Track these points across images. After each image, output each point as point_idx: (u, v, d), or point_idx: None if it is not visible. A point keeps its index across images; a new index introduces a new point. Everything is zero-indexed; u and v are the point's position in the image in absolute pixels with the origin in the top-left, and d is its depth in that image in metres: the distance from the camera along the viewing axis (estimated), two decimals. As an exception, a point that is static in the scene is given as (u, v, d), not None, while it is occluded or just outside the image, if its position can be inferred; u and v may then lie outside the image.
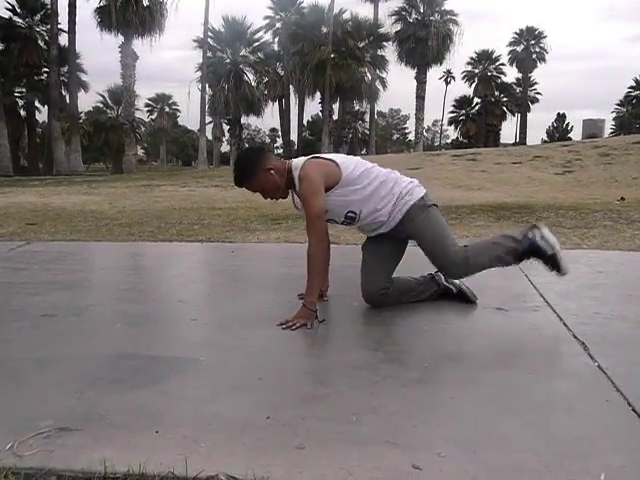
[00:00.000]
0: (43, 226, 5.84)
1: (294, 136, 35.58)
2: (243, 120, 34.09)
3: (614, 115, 52.77)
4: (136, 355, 2.08)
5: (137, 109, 33.18)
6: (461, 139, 49.18)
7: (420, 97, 33.70)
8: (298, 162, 2.53)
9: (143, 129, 43.43)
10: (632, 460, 1.36)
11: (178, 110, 55.79)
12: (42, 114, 33.33)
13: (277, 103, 33.49)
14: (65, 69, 27.26)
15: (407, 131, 66.86)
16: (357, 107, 35.83)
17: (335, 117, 33.84)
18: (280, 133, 39.09)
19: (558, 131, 56.52)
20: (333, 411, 1.62)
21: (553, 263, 2.55)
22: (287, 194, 2.61)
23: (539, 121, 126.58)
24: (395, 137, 69.66)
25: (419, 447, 1.42)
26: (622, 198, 8.06)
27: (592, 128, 52.66)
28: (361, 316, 2.63)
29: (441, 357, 2.09)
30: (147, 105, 52.84)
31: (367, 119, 37.77)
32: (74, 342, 2.25)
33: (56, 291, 3.08)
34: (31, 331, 2.40)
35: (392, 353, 2.14)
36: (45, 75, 29.55)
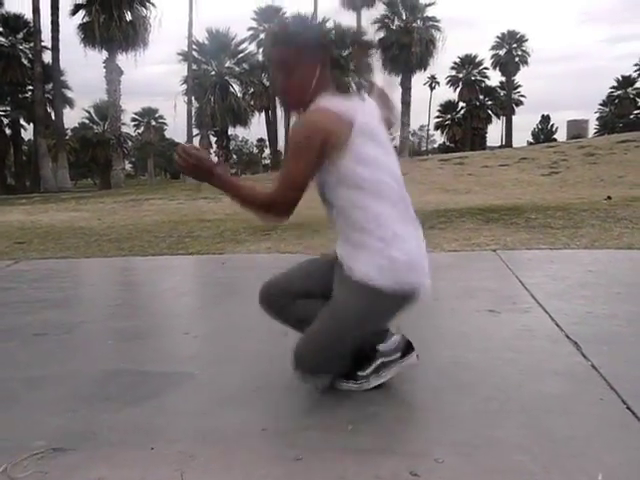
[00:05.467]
0: (32, 244, 5.79)
1: (281, 145, 35.62)
2: (230, 131, 33.99)
3: (597, 115, 53.43)
4: (129, 371, 2.06)
5: (123, 124, 33.05)
6: (448, 143, 49.49)
7: (405, 103, 33.89)
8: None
9: (130, 143, 43.26)
10: (628, 458, 1.37)
11: (165, 123, 55.66)
12: (28, 132, 33.19)
13: (263, 113, 33.60)
14: (50, 86, 27.12)
15: (392, 137, 67.00)
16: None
17: (322, 125, 33.88)
18: (267, 143, 39.18)
19: (543, 132, 57.03)
20: (329, 421, 1.62)
21: None
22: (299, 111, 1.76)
23: (524, 123, 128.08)
24: (382, 143, 69.77)
25: (416, 454, 1.42)
26: (608, 197, 8.11)
27: (576, 129, 53.11)
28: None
29: (435, 362, 2.09)
30: (133, 119, 52.70)
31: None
32: (66, 360, 2.23)
33: (46, 309, 3.05)
34: (22, 350, 2.37)
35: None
36: (30, 93, 29.37)
